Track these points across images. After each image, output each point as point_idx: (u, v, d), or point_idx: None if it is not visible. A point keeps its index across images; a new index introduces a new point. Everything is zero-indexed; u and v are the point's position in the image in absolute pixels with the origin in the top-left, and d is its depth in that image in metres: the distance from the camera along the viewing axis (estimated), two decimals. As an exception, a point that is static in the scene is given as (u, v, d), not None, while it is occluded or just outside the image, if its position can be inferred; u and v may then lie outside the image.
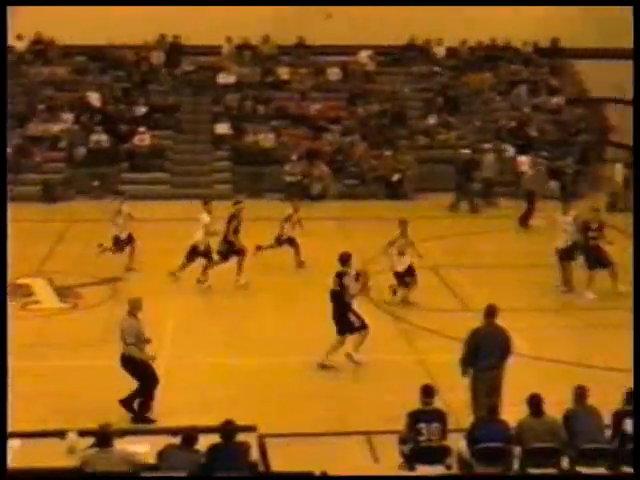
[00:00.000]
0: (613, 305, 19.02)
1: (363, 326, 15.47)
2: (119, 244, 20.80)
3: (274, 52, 34.05)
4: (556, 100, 33.32)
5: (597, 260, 19.36)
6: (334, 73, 33.70)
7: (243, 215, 19.98)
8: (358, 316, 15.51)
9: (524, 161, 29.70)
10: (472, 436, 11.21)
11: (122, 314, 13.70)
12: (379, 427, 12.99)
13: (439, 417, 11.39)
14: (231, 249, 19.76)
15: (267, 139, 30.67)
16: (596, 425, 11.36)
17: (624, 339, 17.18)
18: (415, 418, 11.32)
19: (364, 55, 33.93)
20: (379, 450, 12.49)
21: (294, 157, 29.95)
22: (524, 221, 25.59)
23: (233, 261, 19.86)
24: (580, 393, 11.48)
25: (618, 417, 11.40)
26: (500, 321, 13.27)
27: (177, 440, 10.54)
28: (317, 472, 10.38)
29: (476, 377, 12.95)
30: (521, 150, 30.61)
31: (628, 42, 33.49)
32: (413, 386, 11.88)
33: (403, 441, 11.45)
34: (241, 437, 10.76)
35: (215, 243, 19.81)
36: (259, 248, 21.29)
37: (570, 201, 20.39)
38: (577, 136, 32.11)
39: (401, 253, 18.55)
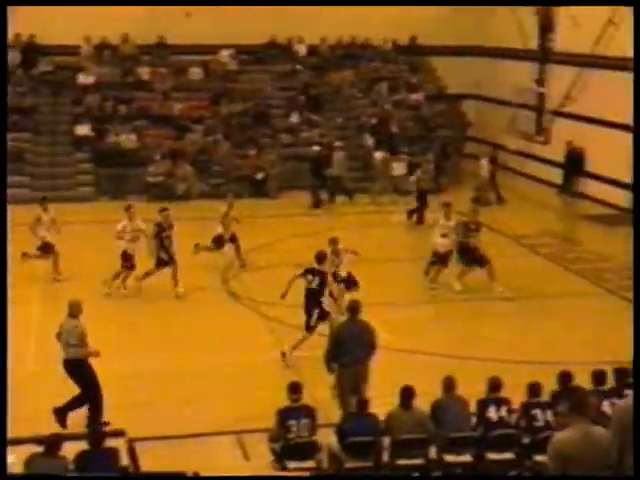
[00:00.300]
0: (481, 296, 19.52)
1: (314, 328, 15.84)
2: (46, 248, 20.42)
3: (134, 52, 33.64)
4: (415, 97, 33.93)
5: (475, 260, 19.72)
6: (195, 72, 33.51)
7: (171, 221, 19.59)
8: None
9: (379, 157, 30.21)
10: (341, 430, 11.36)
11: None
12: (250, 426, 13.02)
13: (308, 413, 11.49)
14: (168, 258, 19.43)
15: (129, 140, 30.29)
16: (463, 414, 11.66)
17: (489, 328, 17.75)
18: (284, 415, 11.40)
19: (225, 54, 33.83)
20: (250, 448, 12.54)
21: (157, 157, 29.67)
22: (419, 219, 25.86)
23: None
24: (448, 383, 11.76)
25: (482, 405, 11.72)
26: (367, 315, 13.46)
27: (42, 448, 10.35)
28: (189, 473, 10.35)
29: (341, 373, 13.06)
30: (377, 146, 31.10)
31: (484, 40, 34.54)
32: (282, 383, 11.96)
33: (273, 439, 11.52)
34: (110, 442, 10.65)
35: (139, 249, 19.56)
36: (197, 245, 21.22)
37: (451, 205, 20.53)
38: (436, 132, 32.80)
39: (338, 264, 18.21)
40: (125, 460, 10.88)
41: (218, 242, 21.22)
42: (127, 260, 19.52)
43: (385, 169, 29.71)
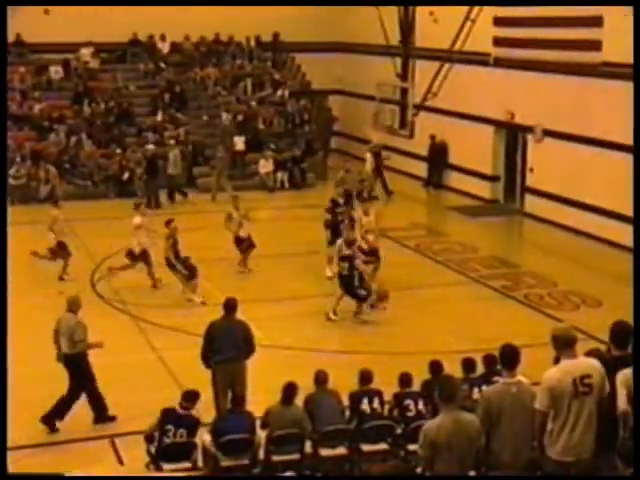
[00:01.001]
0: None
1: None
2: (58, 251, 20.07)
3: (-10, 51, 32.76)
4: (280, 93, 34.03)
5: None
6: (56, 71, 32.83)
7: (178, 234, 18.98)
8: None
9: (238, 141, 30.47)
10: (216, 429, 11.29)
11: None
12: (124, 429, 12.88)
13: (189, 425, 11.22)
14: (189, 268, 18.91)
15: (-12, 141, 29.48)
16: (335, 407, 11.73)
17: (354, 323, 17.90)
18: (166, 417, 11.21)
19: (86, 52, 33.26)
20: (124, 452, 12.37)
21: (18, 159, 28.94)
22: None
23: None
24: (319, 377, 11.81)
25: (355, 398, 11.82)
26: (241, 313, 13.40)
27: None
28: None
29: (215, 371, 12.96)
30: (239, 131, 31.25)
31: (348, 37, 34.91)
32: (154, 384, 11.83)
33: (149, 438, 11.38)
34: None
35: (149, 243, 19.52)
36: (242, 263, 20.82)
37: (367, 200, 20.46)
38: (302, 127, 32.98)
39: None
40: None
41: (240, 244, 20.79)
42: (147, 257, 19.44)
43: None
